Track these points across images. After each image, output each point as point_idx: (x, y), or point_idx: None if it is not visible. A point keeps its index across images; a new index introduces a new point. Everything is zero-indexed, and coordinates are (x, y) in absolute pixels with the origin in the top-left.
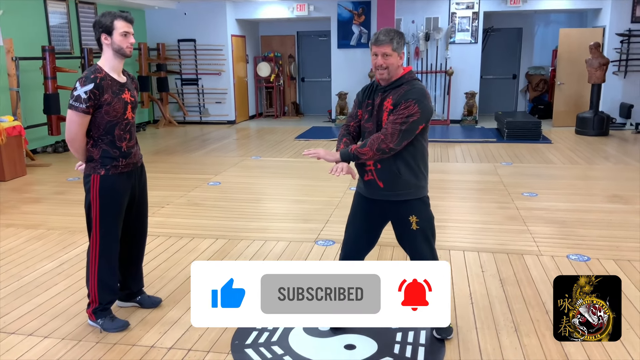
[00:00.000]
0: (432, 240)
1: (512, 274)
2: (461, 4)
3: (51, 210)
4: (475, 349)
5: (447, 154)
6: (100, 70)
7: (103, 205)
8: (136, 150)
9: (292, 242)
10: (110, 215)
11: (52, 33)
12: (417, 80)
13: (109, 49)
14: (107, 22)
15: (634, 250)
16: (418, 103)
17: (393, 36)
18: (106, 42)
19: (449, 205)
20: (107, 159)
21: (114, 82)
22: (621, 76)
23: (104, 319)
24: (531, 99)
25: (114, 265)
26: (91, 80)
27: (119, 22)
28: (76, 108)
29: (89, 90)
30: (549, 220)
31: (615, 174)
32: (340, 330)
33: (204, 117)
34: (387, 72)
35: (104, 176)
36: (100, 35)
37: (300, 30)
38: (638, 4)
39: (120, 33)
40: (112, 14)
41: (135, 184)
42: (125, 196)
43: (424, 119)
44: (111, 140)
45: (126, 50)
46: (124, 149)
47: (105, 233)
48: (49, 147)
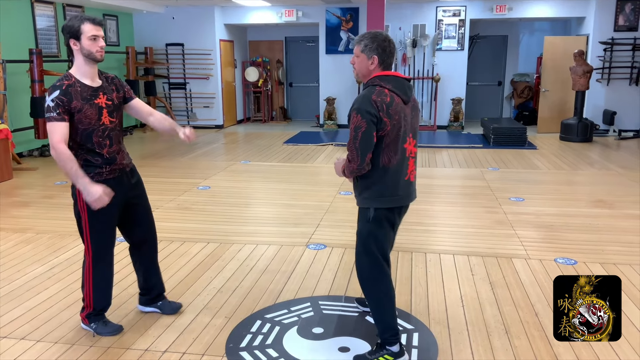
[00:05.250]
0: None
1: (502, 277)
2: (448, 12)
3: (40, 214)
4: (467, 350)
5: (434, 159)
6: (69, 77)
7: (91, 214)
8: (122, 155)
9: (284, 246)
10: (100, 222)
11: (39, 36)
12: (377, 85)
13: (79, 54)
14: (75, 26)
15: (620, 254)
16: (358, 112)
17: (362, 39)
18: (75, 47)
19: (437, 210)
20: (90, 167)
21: (85, 87)
22: (604, 83)
23: (97, 323)
24: (516, 106)
25: (109, 272)
26: (57, 87)
27: (87, 26)
28: (49, 118)
29: (55, 97)
30: (536, 225)
31: (599, 179)
32: (334, 333)
33: (191, 122)
34: (356, 73)
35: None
36: (69, 41)
37: (289, 36)
38: (621, 13)
39: (89, 37)
40: (80, 17)
41: (127, 190)
42: (114, 204)
43: (373, 125)
44: (90, 149)
45: (96, 54)
46: (105, 155)
47: (97, 240)
48: (35, 151)
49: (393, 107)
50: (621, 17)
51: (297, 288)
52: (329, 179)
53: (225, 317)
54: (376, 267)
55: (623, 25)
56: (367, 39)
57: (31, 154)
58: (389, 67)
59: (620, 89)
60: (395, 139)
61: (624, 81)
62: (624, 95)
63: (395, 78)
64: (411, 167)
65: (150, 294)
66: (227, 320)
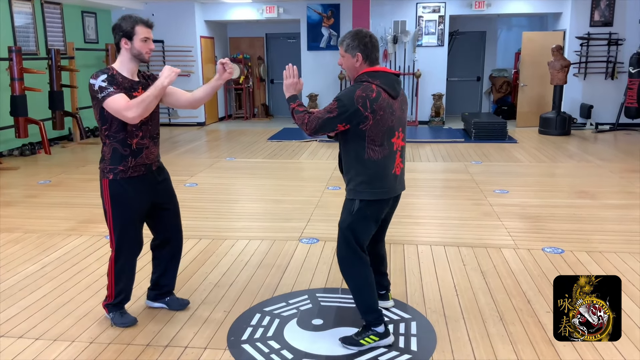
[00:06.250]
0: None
1: (492, 267)
2: (428, 8)
3: (26, 214)
4: (465, 337)
5: (418, 154)
6: (111, 69)
7: (115, 211)
8: (149, 150)
9: (277, 241)
10: (124, 219)
11: (17, 33)
12: (366, 82)
13: (127, 53)
14: (128, 27)
15: (604, 242)
16: (337, 100)
17: (344, 39)
18: (126, 46)
19: (425, 203)
20: (116, 158)
21: (126, 79)
22: (581, 78)
23: (115, 313)
24: (495, 101)
25: (130, 266)
26: (103, 72)
27: (140, 28)
28: (107, 94)
29: (104, 78)
30: (522, 216)
31: (579, 171)
32: (334, 324)
33: (172, 119)
34: (345, 72)
35: (112, 181)
36: (120, 40)
37: (269, 32)
38: (596, 8)
39: (141, 39)
40: (133, 18)
41: (152, 189)
42: (138, 201)
43: (345, 118)
44: (123, 138)
45: (145, 55)
46: (133, 146)
47: (120, 235)
48: (15, 150)
49: (378, 102)
50: (597, 12)
51: (294, 281)
52: (316, 174)
53: (224, 312)
54: (354, 255)
55: (599, 20)
56: (349, 38)
57: (11, 154)
58: (376, 62)
59: (596, 83)
60: (380, 134)
61: (600, 75)
62: (600, 89)
63: (384, 74)
64: (398, 160)
65: (161, 290)
66: (226, 315)
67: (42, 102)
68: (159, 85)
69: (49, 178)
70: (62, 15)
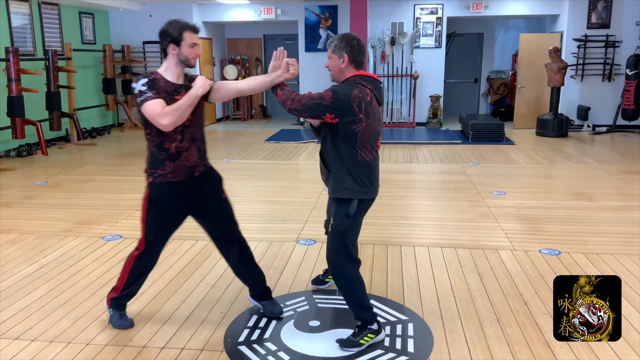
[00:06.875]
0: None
1: (489, 268)
2: (425, 9)
3: (23, 215)
4: (462, 339)
5: (415, 155)
6: (154, 73)
7: (149, 213)
8: (190, 153)
9: (274, 242)
10: (155, 222)
11: (14, 34)
12: (360, 85)
13: (174, 58)
14: (176, 33)
15: (601, 244)
16: (333, 92)
17: (332, 40)
18: (173, 52)
19: (422, 204)
20: (155, 162)
21: (169, 83)
22: (578, 80)
23: (115, 312)
24: (492, 102)
25: (147, 269)
26: (144, 76)
27: (188, 34)
28: (145, 99)
29: (144, 82)
30: (519, 217)
31: (576, 172)
32: (331, 325)
33: None
34: (331, 73)
35: (152, 184)
36: (168, 46)
37: (267, 34)
38: (593, 10)
39: (189, 44)
40: (181, 24)
41: (192, 196)
42: (173, 207)
43: (334, 110)
44: (160, 142)
45: (192, 61)
46: (171, 150)
47: (148, 236)
48: (12, 151)
49: (371, 106)
50: (594, 14)
51: (291, 283)
52: (314, 175)
53: (221, 313)
54: (350, 259)
55: (596, 22)
56: (337, 40)
57: (8, 155)
58: (361, 65)
59: (593, 85)
60: (370, 137)
61: (597, 77)
62: (597, 91)
63: (372, 79)
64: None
65: (254, 292)
66: (223, 316)
67: (39, 103)
68: (192, 94)
69: (45, 179)
70: (60, 16)
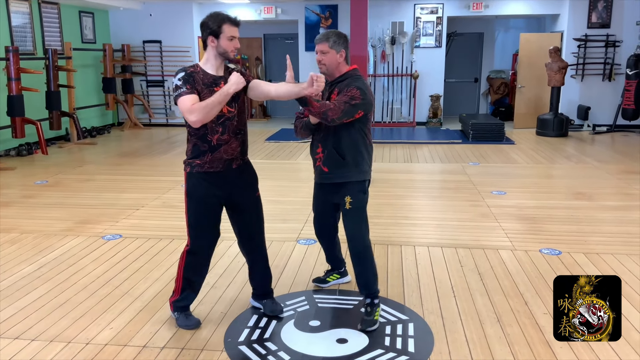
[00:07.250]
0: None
1: (490, 268)
2: (425, 9)
3: (22, 214)
4: (462, 339)
5: (415, 155)
6: (194, 66)
7: (189, 204)
8: (229, 146)
9: (274, 242)
10: (196, 212)
11: (14, 33)
12: (361, 77)
13: (213, 50)
14: (215, 25)
15: (602, 244)
16: (360, 91)
17: (330, 35)
18: (212, 44)
19: (422, 204)
20: (196, 153)
21: (207, 75)
22: (578, 79)
23: (180, 313)
24: (492, 102)
25: (201, 264)
26: (182, 70)
27: (228, 27)
28: (179, 94)
29: (182, 77)
30: (520, 217)
31: (576, 172)
32: (331, 325)
33: (170, 119)
34: (326, 67)
35: (190, 173)
36: (207, 38)
37: (267, 33)
38: (593, 10)
39: (228, 37)
40: (221, 17)
41: (228, 187)
42: (212, 197)
43: (364, 106)
44: (203, 134)
45: (230, 54)
46: (213, 142)
47: (193, 230)
48: (12, 150)
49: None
50: (594, 14)
51: (291, 283)
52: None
53: (221, 313)
54: (367, 229)
55: (596, 22)
56: (334, 36)
57: (8, 154)
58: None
59: (593, 85)
60: (370, 122)
61: (597, 77)
62: (598, 91)
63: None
64: None
65: (255, 291)
66: (223, 316)
67: (39, 102)
68: (224, 92)
69: (45, 178)
70: (60, 15)
